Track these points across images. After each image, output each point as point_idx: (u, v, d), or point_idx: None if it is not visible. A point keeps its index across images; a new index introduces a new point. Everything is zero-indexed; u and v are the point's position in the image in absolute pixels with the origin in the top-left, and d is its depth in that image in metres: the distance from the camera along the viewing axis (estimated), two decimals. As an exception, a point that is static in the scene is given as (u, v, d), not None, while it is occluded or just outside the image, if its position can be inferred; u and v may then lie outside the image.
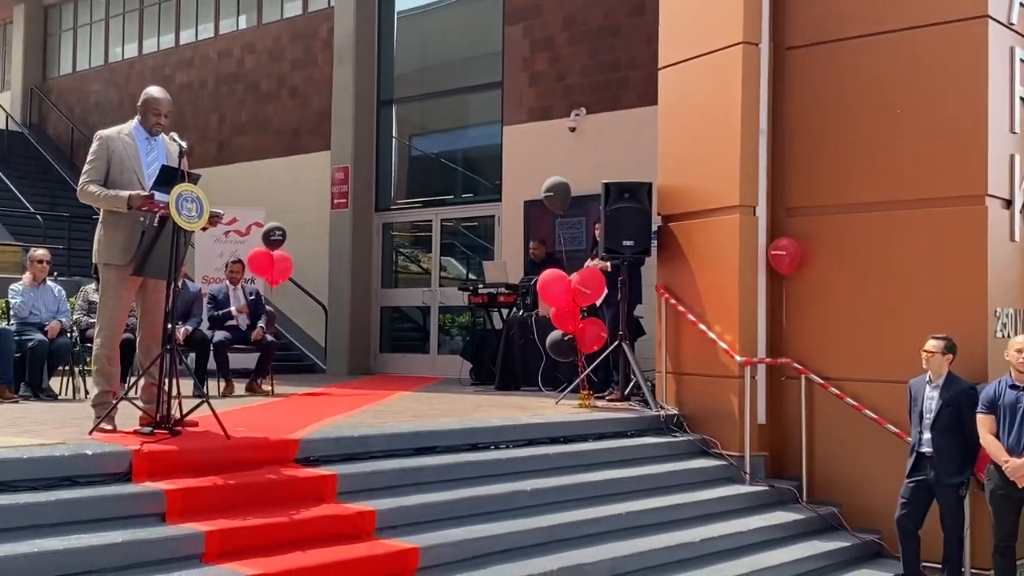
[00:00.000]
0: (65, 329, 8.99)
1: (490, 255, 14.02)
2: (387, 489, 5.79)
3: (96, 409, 5.84)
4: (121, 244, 5.77)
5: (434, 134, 15.92)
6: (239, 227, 13.70)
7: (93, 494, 4.80)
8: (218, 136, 17.33)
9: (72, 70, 20.96)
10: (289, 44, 16.66)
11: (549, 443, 7.07)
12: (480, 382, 11.63)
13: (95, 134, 6.02)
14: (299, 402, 9.20)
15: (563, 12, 13.11)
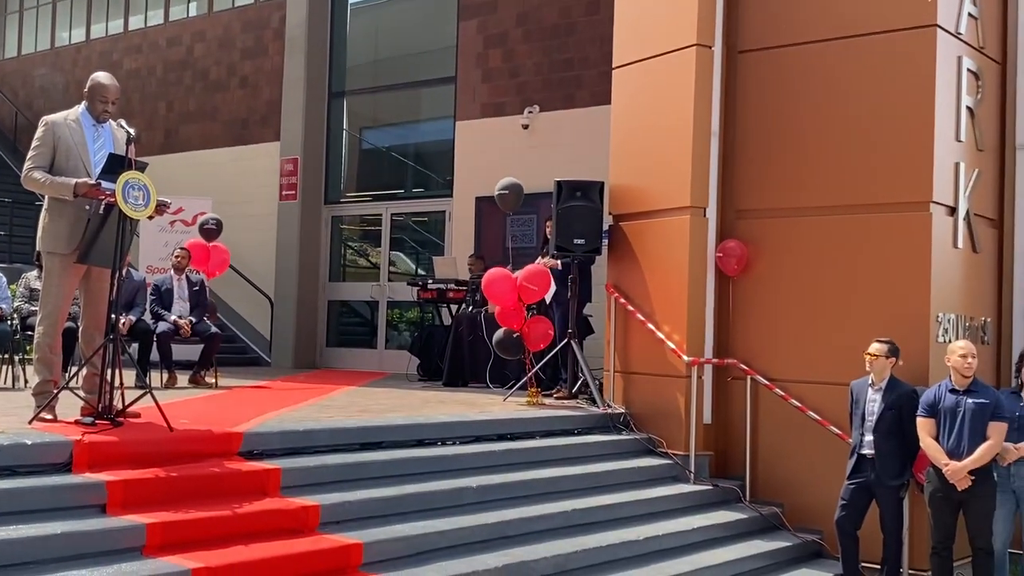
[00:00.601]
0: (5, 316, 8.81)
1: (440, 251, 13.98)
2: (331, 484, 5.76)
3: (37, 398, 5.73)
4: (66, 232, 5.66)
5: (385, 127, 15.84)
6: (185, 216, 13.52)
7: (32, 484, 4.71)
8: (165, 124, 17.08)
9: (17, 53, 20.54)
10: (240, 33, 16.47)
11: (496, 440, 7.07)
12: (428, 378, 11.60)
13: (41, 119, 5.90)
14: (243, 395, 9.11)
15: (518, 9, 13.11)
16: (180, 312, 9.84)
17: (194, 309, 9.92)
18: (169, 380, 9.42)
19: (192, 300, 9.96)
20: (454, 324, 11.27)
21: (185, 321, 9.70)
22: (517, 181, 9.21)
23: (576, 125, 12.24)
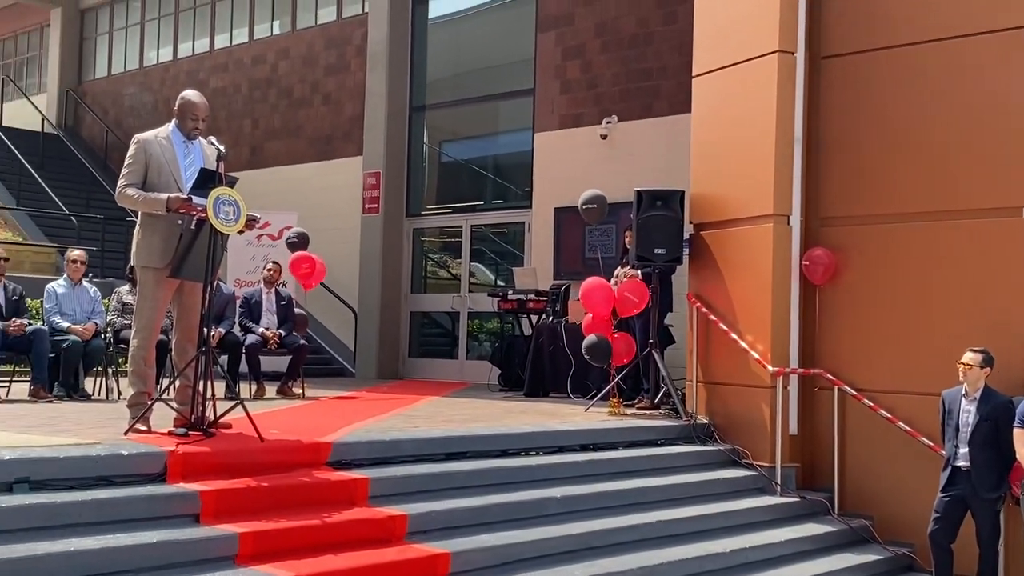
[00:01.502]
0: (99, 330, 9.06)
1: (519, 261, 14.03)
2: (418, 494, 5.80)
3: (131, 410, 5.88)
4: (159, 247, 5.81)
5: (465, 140, 15.96)
6: (271, 231, 13.76)
7: (128, 494, 4.83)
8: (251, 141, 17.45)
9: (107, 73, 21.16)
10: (323, 50, 16.76)
11: (579, 450, 7.06)
12: (508, 388, 11.63)
13: (133, 138, 6.07)
14: (330, 405, 9.23)
15: (595, 20, 13.12)
16: (268, 324, 10.03)
17: (283, 323, 10.10)
18: (257, 391, 9.60)
19: (280, 313, 10.15)
20: (535, 334, 11.28)
21: (273, 333, 9.88)
22: (601, 193, 9.18)
23: (655, 134, 12.20)
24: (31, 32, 23.16)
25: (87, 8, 21.54)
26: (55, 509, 4.53)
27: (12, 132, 18.75)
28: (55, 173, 17.71)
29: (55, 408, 7.74)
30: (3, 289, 8.80)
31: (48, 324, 8.85)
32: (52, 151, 19.03)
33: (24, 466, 4.66)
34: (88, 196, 17.52)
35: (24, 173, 16.87)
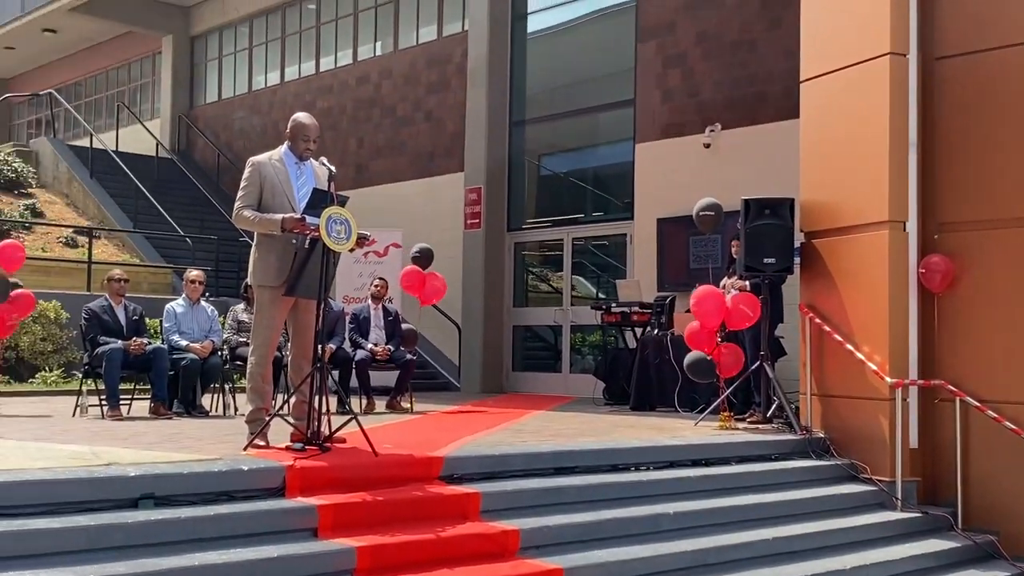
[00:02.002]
0: (216, 348, 9.29)
1: (621, 274, 13.96)
2: (529, 508, 5.78)
3: (250, 425, 6.01)
4: (275, 266, 5.94)
5: (564, 153, 15.96)
6: (377, 248, 13.98)
7: (249, 509, 4.93)
8: (356, 160, 17.75)
9: (217, 98, 21.78)
10: (424, 69, 16.97)
11: (691, 465, 6.95)
12: (614, 402, 11.55)
13: (248, 160, 6.22)
14: (438, 420, 9.30)
15: (697, 28, 13.00)
16: (377, 340, 10.17)
17: (391, 338, 10.22)
18: (367, 406, 9.73)
19: (388, 329, 10.28)
20: (640, 347, 11.19)
21: (382, 348, 10.01)
22: (717, 201, 9.05)
23: (760, 142, 12.02)
24: (144, 59, 23.98)
25: (197, 35, 22.22)
26: (179, 524, 4.65)
27: (128, 157, 19.41)
28: (169, 196, 18.27)
29: (175, 425, 7.96)
30: (124, 309, 9.09)
31: (167, 343, 9.11)
32: (166, 174, 19.64)
33: (148, 482, 4.79)
34: (202, 217, 18.04)
35: (140, 196, 17.45)
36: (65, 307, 12.98)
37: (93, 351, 8.76)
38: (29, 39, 24.06)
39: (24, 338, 12.53)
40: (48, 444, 6.06)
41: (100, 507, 4.57)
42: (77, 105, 24.79)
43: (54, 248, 16.30)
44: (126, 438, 6.64)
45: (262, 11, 20.56)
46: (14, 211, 17.17)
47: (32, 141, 21.76)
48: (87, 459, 5.21)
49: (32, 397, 11.36)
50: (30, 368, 12.80)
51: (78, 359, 12.01)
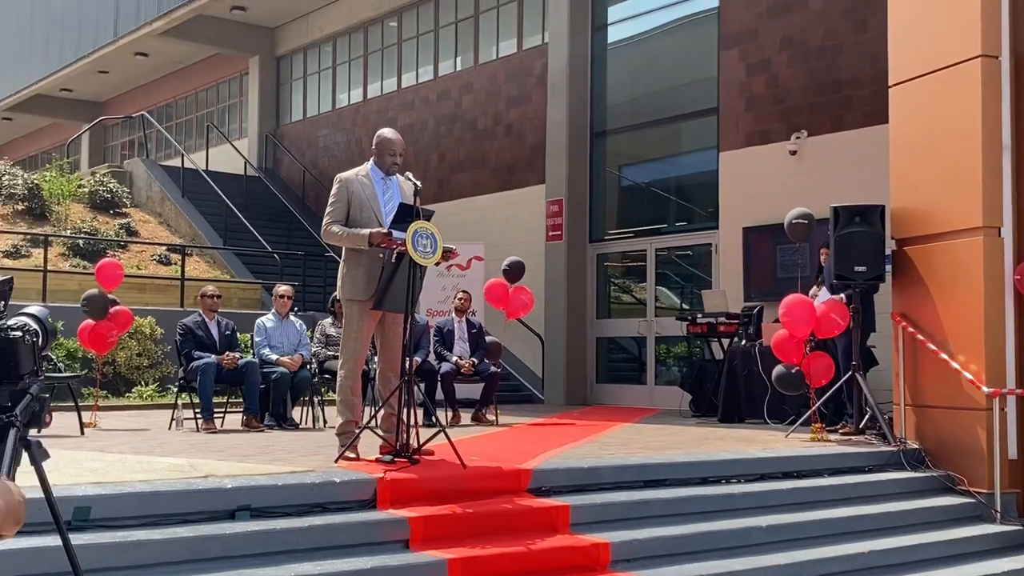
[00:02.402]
0: (305, 362, 9.44)
1: (706, 284, 13.83)
2: (619, 521, 5.76)
3: (340, 438, 6.09)
4: (363, 280, 6.03)
5: (646, 163, 15.88)
6: (460, 261, 14.04)
7: (342, 520, 4.99)
8: (438, 174, 17.90)
9: (303, 116, 22.19)
10: (504, 82, 17.07)
11: (782, 478, 6.84)
12: (701, 414, 11.44)
13: (336, 177, 6.33)
14: (524, 432, 9.31)
15: (781, 34, 12.85)
16: (461, 353, 10.23)
17: (475, 351, 10.28)
18: (453, 418, 9.79)
19: (472, 341, 10.34)
20: (727, 358, 11.06)
21: (467, 361, 10.07)
22: (809, 210, 8.91)
23: (848, 148, 11.82)
24: (231, 80, 24.54)
25: (282, 55, 22.67)
26: (275, 535, 4.73)
27: (217, 176, 19.88)
28: (257, 213, 18.65)
29: (268, 437, 8.10)
30: (217, 324, 9.30)
31: (258, 357, 9.29)
32: (254, 192, 20.06)
33: (244, 494, 4.88)
34: (289, 234, 18.38)
35: (229, 214, 17.85)
36: (159, 323, 13.32)
37: (188, 365, 8.97)
38: (122, 63, 24.79)
39: (121, 353, 12.89)
40: (147, 457, 6.22)
41: (198, 519, 4.68)
42: (168, 126, 25.47)
43: (148, 266, 16.74)
44: (221, 450, 6.78)
45: (345, 30, 20.90)
46: (110, 230, 17.69)
47: (126, 162, 22.43)
48: (185, 471, 5.34)
49: (129, 411, 11.68)
50: (127, 382, 13.16)
51: (172, 373, 12.34)
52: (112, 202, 18.86)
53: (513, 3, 17.30)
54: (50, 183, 18.04)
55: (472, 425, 9.80)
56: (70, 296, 13.62)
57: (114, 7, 22.99)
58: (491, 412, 10.19)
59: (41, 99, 28.18)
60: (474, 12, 18.05)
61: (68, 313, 12.27)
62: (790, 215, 8.83)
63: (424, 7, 19.10)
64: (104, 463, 5.72)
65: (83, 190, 18.81)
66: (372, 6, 19.92)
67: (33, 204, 17.56)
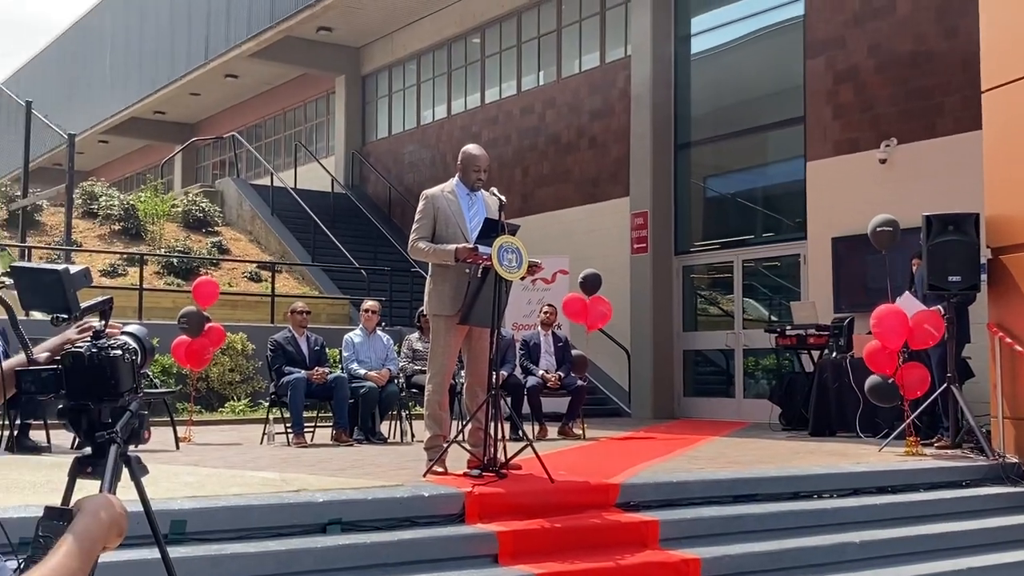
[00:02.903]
0: (393, 376, 9.54)
1: (794, 295, 13.62)
2: (708, 537, 5.70)
3: (428, 452, 6.14)
4: (449, 295, 6.08)
5: (731, 174, 15.73)
6: (545, 275, 14.05)
7: (431, 534, 5.03)
8: (522, 188, 17.97)
9: (388, 133, 22.48)
10: (587, 95, 17.07)
11: (876, 493, 6.71)
12: (791, 427, 11.26)
13: (422, 193, 6.40)
14: (612, 446, 9.28)
15: (868, 41, 12.63)
16: (547, 367, 10.24)
17: (561, 364, 10.28)
18: (540, 432, 9.79)
19: (558, 355, 10.34)
20: (817, 371, 10.88)
21: (553, 375, 10.08)
22: (893, 217, 8.75)
23: (939, 155, 11.56)
24: (318, 99, 24.98)
25: (368, 73, 23.01)
26: (365, 549, 4.78)
27: (305, 193, 20.24)
28: (345, 230, 18.93)
29: (357, 451, 8.21)
30: (306, 340, 9.46)
31: (346, 371, 9.42)
32: (342, 209, 20.36)
33: (336, 508, 4.95)
34: (375, 249, 18.60)
35: (318, 231, 18.15)
36: (250, 338, 13.59)
37: (279, 381, 9.14)
38: (213, 85, 25.43)
39: (214, 369, 13.17)
40: (240, 471, 6.35)
41: (290, 532, 4.75)
42: (257, 146, 26.02)
43: (239, 283, 17.11)
44: (312, 464, 6.89)
45: (429, 47, 21.14)
46: (202, 248, 18.13)
47: (217, 182, 22.97)
48: (277, 485, 5.43)
49: (222, 426, 11.94)
50: (220, 398, 13.45)
51: (264, 388, 12.57)
52: (204, 221, 19.33)
53: (596, 16, 17.31)
54: (145, 203, 18.57)
55: (559, 439, 9.79)
56: (164, 313, 14.00)
57: (205, 31, 23.61)
58: (578, 426, 10.17)
59: (136, 122, 29.04)
60: (556, 26, 18.11)
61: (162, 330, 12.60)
62: (873, 222, 8.69)
63: (507, 23, 19.23)
64: (199, 477, 5.85)
65: (176, 210, 19.31)
66: (456, 23, 20.12)
67: (129, 224, 18.09)
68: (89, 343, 2.04)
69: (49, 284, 1.96)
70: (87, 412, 2.06)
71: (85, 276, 2.02)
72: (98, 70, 29.76)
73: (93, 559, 1.79)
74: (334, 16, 20.46)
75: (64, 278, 1.96)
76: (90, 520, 1.81)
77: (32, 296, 2.00)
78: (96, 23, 30.14)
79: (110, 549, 1.86)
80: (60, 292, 1.96)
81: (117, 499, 1.90)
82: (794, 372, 12.29)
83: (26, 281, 1.98)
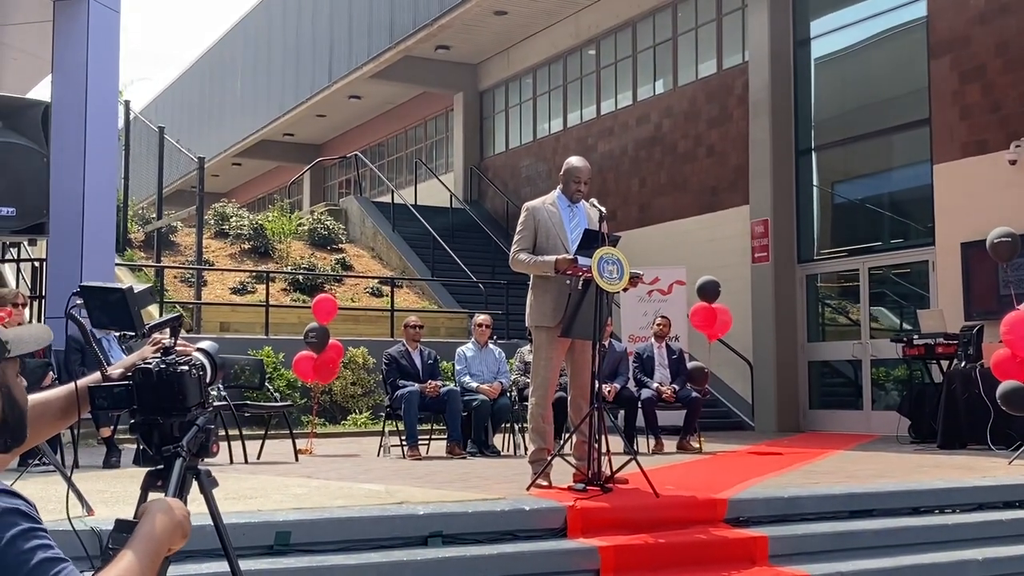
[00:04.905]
0: (505, 389, 9.58)
1: (924, 303, 13.15)
2: (820, 553, 5.52)
3: (533, 465, 6.13)
4: (550, 307, 6.07)
5: (857, 179, 15.32)
6: (661, 286, 13.94)
7: (532, 548, 5.00)
8: (639, 199, 17.86)
9: (505, 148, 22.65)
10: (705, 104, 16.87)
11: (1002, 508, 6.39)
12: (920, 440, 10.86)
13: (523, 205, 6.42)
14: (727, 460, 9.10)
15: (995, 39, 12.13)
16: (662, 379, 10.12)
17: (675, 376, 10.15)
18: (656, 446, 9.68)
19: (672, 367, 10.21)
20: (946, 381, 10.46)
21: (668, 388, 9.95)
22: (1012, 229, 8.40)
23: (1075, 154, 11.01)
24: (438, 117, 25.37)
25: (485, 89, 23.25)
26: (465, 562, 4.78)
27: (425, 210, 20.55)
28: (463, 244, 19.14)
29: (467, 464, 8.26)
30: (420, 354, 9.58)
31: (459, 384, 9.50)
32: (460, 224, 20.60)
33: (436, 520, 4.97)
34: (493, 263, 18.73)
35: (437, 246, 18.40)
36: (371, 352, 13.84)
37: (393, 394, 9.28)
38: (337, 107, 26.09)
39: (337, 383, 13.47)
40: (349, 483, 6.45)
41: (392, 544, 4.80)
42: (380, 164, 26.56)
43: (362, 298, 17.46)
44: (420, 477, 6.96)
45: (544, 61, 21.24)
46: (326, 265, 18.58)
47: (341, 200, 23.53)
48: (382, 498, 5.50)
49: (343, 438, 12.20)
50: (342, 410, 13.74)
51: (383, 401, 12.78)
52: (329, 239, 19.80)
53: (712, 23, 17.10)
54: (272, 223, 19.14)
55: (676, 453, 9.65)
56: (290, 329, 14.39)
57: (328, 55, 24.25)
58: (695, 439, 10.00)
59: (266, 144, 30.01)
60: (672, 35, 17.96)
61: (288, 345, 12.97)
62: (992, 235, 8.36)
63: (622, 33, 19.17)
64: (308, 489, 5.98)
65: (303, 228, 19.84)
66: (572, 35, 20.16)
67: (258, 243, 18.66)
68: (158, 359, 2.11)
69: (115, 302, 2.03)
70: (157, 427, 2.12)
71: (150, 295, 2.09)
72: (229, 96, 30.87)
73: (159, 561, 1.84)
74: (451, 34, 20.75)
75: (128, 297, 2.02)
76: (153, 523, 1.86)
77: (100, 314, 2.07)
78: (226, 52, 31.30)
79: (175, 551, 1.91)
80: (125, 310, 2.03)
81: (178, 502, 1.95)
82: (924, 383, 11.86)
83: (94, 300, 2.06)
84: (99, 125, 9.47)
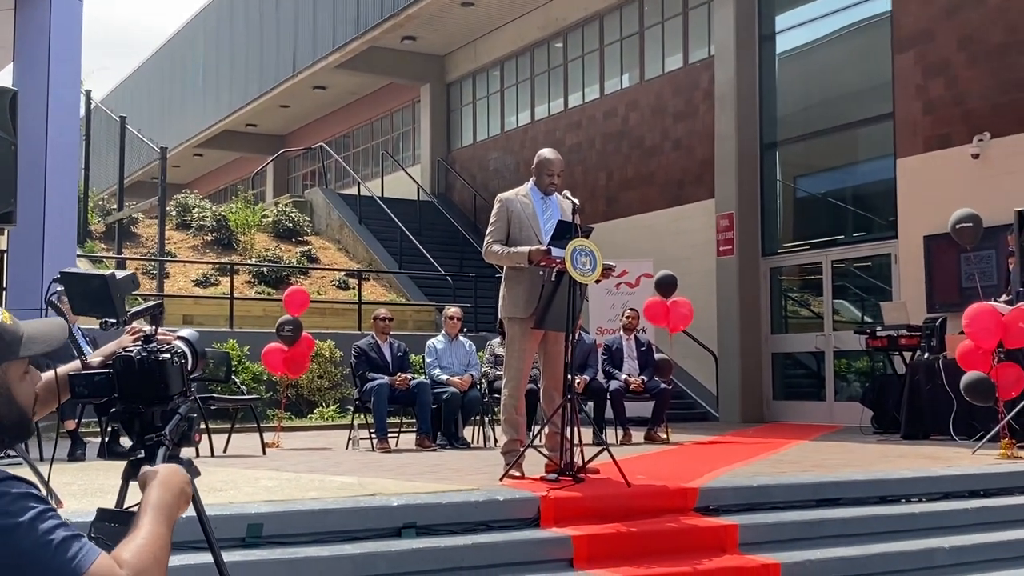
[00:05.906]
0: (475, 381, 9.58)
1: (886, 296, 13.30)
2: (789, 542, 5.57)
3: (505, 456, 6.14)
4: (523, 298, 6.07)
5: (820, 173, 15.45)
6: (629, 279, 14.00)
7: (506, 538, 5.01)
8: (606, 192, 17.90)
9: (472, 140, 22.61)
10: (671, 97, 16.94)
11: (968, 497, 6.49)
12: (883, 430, 10.99)
13: (496, 197, 6.41)
14: (694, 450, 9.16)
15: (958, 33, 12.27)
16: (630, 371, 10.17)
17: (644, 368, 10.20)
18: (624, 437, 9.72)
19: (641, 359, 10.26)
20: (910, 372, 10.58)
21: (636, 379, 10.00)
22: (972, 211, 8.49)
23: (1036, 149, 11.17)
24: (404, 109, 25.26)
25: (452, 81, 23.19)
26: (440, 553, 4.78)
27: (392, 202, 20.49)
28: (431, 237, 19.10)
29: (438, 456, 8.25)
30: (389, 346, 9.55)
31: (429, 377, 9.49)
32: (427, 217, 20.55)
33: (410, 512, 4.96)
34: (461, 256, 18.73)
35: (404, 239, 18.35)
36: (338, 346, 13.78)
37: (362, 387, 9.24)
38: (301, 97, 25.90)
39: (303, 376, 13.39)
40: (320, 476, 6.43)
41: (365, 536, 4.79)
42: (345, 156, 26.41)
43: (328, 291, 17.38)
44: (392, 469, 6.95)
45: (511, 54, 21.22)
46: (292, 257, 18.47)
47: (306, 192, 23.37)
48: (354, 490, 5.48)
49: (311, 431, 12.13)
50: (309, 404, 13.67)
51: (351, 395, 12.73)
52: (294, 231, 19.68)
53: (678, 17, 17.17)
54: (236, 214, 18.98)
55: (644, 444, 9.71)
56: (255, 322, 14.30)
57: (292, 44, 24.07)
58: (663, 431, 10.06)
59: (228, 135, 29.74)
60: (639, 28, 18.01)
61: (253, 338, 12.88)
62: (953, 218, 8.44)
63: (589, 26, 19.19)
64: (279, 481, 5.94)
65: (267, 220, 19.70)
66: (539, 28, 20.16)
67: (221, 235, 18.50)
68: (139, 347, 2.08)
69: (96, 289, 2.00)
70: (139, 415, 2.10)
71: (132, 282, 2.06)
72: (191, 86, 30.57)
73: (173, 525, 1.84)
74: (417, 25, 20.67)
75: (111, 283, 2.00)
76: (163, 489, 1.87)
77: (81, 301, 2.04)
78: (188, 41, 30.98)
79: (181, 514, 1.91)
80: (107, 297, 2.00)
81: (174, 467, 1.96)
82: (886, 374, 11.99)
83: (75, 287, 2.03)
84: (61, 115, 9.35)
